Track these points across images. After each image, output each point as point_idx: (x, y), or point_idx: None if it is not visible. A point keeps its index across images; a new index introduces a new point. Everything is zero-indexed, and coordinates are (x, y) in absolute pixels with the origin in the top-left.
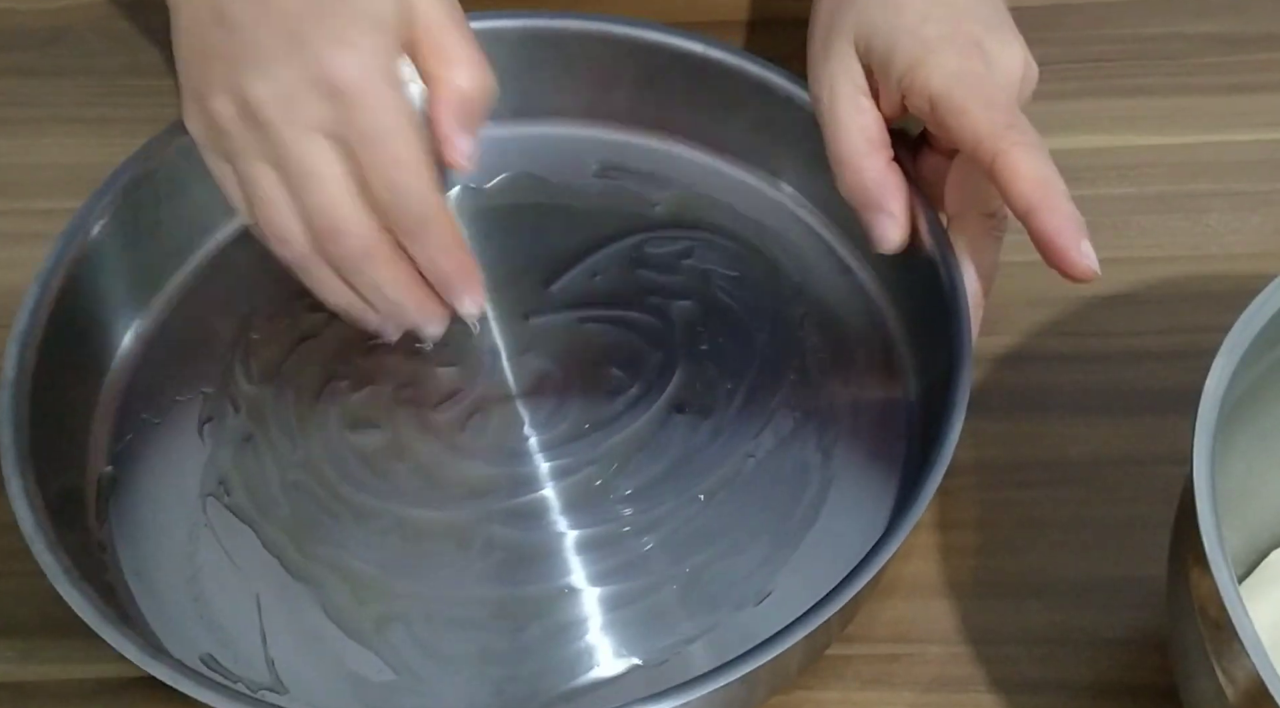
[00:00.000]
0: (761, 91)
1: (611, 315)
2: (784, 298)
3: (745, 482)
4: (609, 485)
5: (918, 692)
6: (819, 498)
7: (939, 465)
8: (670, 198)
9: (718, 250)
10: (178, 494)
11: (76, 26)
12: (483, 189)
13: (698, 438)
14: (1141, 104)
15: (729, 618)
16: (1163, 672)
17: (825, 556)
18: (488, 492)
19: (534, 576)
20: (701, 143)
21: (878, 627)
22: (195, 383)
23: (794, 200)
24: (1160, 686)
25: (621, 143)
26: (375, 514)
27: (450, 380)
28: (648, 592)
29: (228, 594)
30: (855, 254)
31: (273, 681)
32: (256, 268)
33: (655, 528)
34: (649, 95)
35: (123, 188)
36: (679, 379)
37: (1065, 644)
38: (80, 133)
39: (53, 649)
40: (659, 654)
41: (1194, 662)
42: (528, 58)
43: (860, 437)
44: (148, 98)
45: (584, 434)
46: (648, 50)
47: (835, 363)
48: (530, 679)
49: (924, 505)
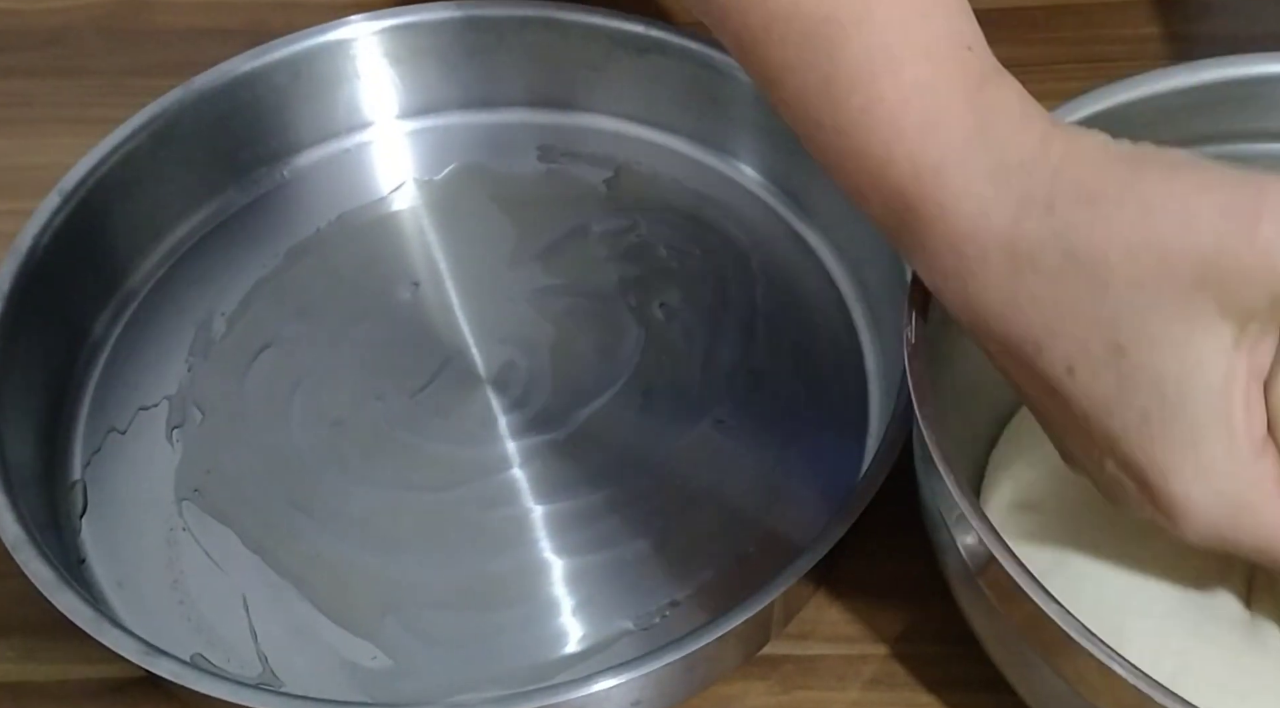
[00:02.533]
0: (706, 67)
1: (570, 296)
2: (736, 266)
3: (715, 447)
4: (579, 461)
5: (859, 690)
6: (789, 460)
7: (881, 467)
8: (615, 177)
9: (666, 225)
10: (153, 501)
11: (76, 26)
12: (433, 181)
13: (664, 409)
14: None
15: (710, 579)
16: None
17: (798, 516)
18: (461, 475)
19: (513, 554)
20: (644, 121)
21: (823, 625)
22: (159, 390)
23: (738, 171)
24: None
25: (567, 127)
26: (352, 504)
27: (417, 370)
28: (627, 560)
29: (213, 595)
30: (804, 220)
31: (267, 676)
32: (210, 270)
33: (627, 500)
34: (593, 78)
35: (73, 195)
36: (641, 353)
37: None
38: (80, 133)
39: (53, 649)
40: (646, 618)
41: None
42: (470, 47)
43: (826, 394)
44: (148, 98)
45: (552, 414)
46: (589, 34)
47: (793, 328)
48: (522, 654)
49: (858, 511)
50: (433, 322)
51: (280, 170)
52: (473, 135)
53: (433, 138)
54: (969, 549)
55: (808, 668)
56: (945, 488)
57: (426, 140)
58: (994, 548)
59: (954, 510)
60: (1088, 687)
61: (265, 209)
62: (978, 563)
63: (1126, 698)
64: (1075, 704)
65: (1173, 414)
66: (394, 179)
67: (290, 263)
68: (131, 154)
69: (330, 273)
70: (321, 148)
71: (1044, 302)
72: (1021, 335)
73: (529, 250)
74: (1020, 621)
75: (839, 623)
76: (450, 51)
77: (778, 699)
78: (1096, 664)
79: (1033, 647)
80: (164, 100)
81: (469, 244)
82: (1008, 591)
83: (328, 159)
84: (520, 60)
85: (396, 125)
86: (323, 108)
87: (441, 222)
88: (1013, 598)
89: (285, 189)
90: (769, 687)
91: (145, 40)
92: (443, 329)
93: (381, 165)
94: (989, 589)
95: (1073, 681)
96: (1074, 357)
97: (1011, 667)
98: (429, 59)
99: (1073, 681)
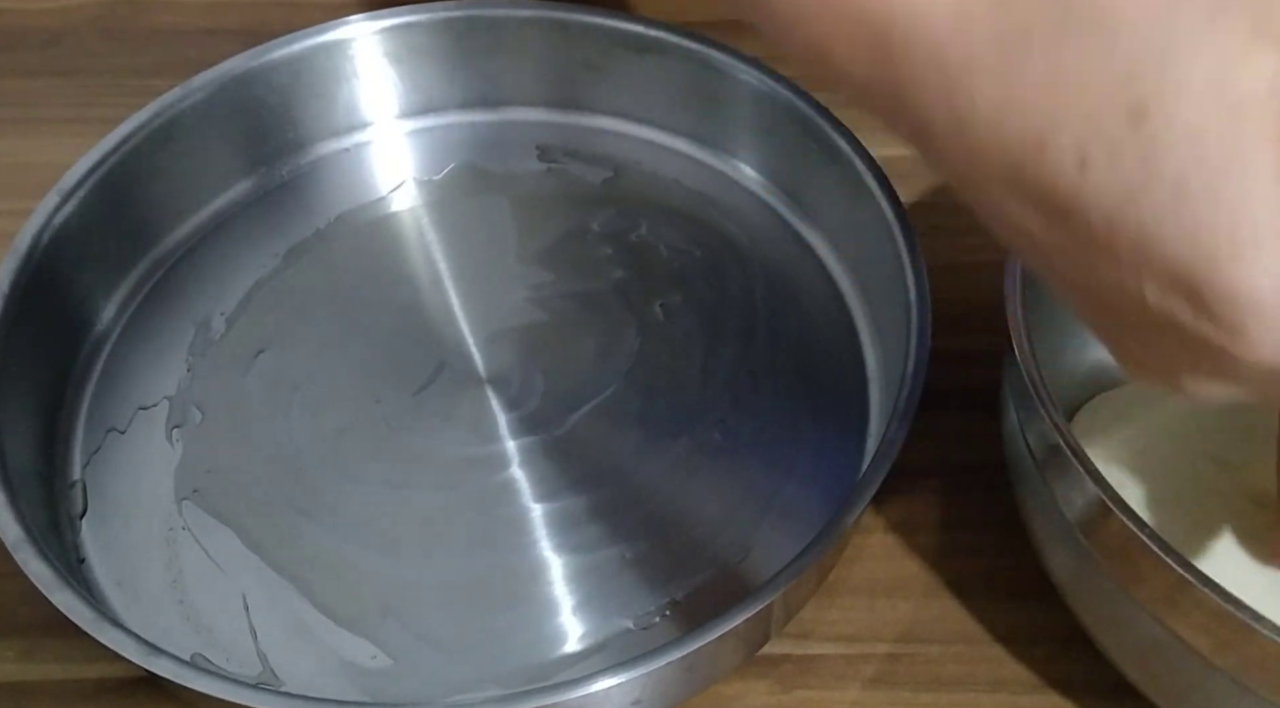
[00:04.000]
0: (706, 67)
1: (570, 296)
2: (736, 266)
3: (715, 447)
4: (579, 461)
5: (859, 690)
6: (790, 460)
7: (880, 467)
8: (615, 177)
9: (666, 225)
10: (152, 501)
11: (76, 26)
12: (433, 181)
13: (664, 408)
14: None
15: (710, 579)
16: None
17: (798, 516)
18: (461, 475)
19: (513, 553)
20: (644, 121)
21: (823, 625)
22: (159, 389)
23: (738, 171)
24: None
25: (567, 127)
26: (352, 504)
27: (417, 370)
28: (627, 559)
29: (213, 595)
30: (804, 220)
31: (267, 675)
32: (210, 270)
33: (626, 499)
34: (593, 78)
35: (72, 194)
36: (640, 353)
37: (1007, 644)
38: (80, 133)
39: (53, 649)
40: (646, 618)
41: (1031, 491)
42: (470, 47)
43: (826, 394)
44: (148, 98)
45: (551, 413)
46: (589, 34)
47: (795, 331)
48: (522, 653)
49: (858, 511)
50: (432, 321)
51: (280, 170)
52: (473, 135)
53: (432, 138)
54: (1075, 504)
55: (808, 668)
56: (1053, 437)
57: (426, 140)
58: (1111, 501)
59: (1060, 463)
60: (1203, 636)
61: (265, 209)
62: (1087, 518)
63: (1228, 635)
64: (1177, 652)
65: (1214, 173)
66: (394, 179)
67: (290, 263)
68: (131, 154)
69: (330, 273)
70: (321, 147)
71: (1043, 84)
72: (1021, 137)
73: (529, 250)
74: (1133, 576)
75: (839, 623)
76: (450, 51)
77: (778, 699)
78: (1215, 614)
79: (1147, 603)
80: (164, 100)
81: (469, 244)
82: (1121, 546)
83: (327, 159)
84: (520, 60)
85: (396, 125)
86: (322, 107)
87: (441, 221)
88: (1127, 553)
89: (285, 189)
90: (769, 687)
91: (145, 40)
92: (442, 329)
93: (381, 165)
94: (1095, 546)
95: (1183, 632)
96: (1086, 142)
97: (1108, 626)
98: (429, 59)
99: (1183, 632)
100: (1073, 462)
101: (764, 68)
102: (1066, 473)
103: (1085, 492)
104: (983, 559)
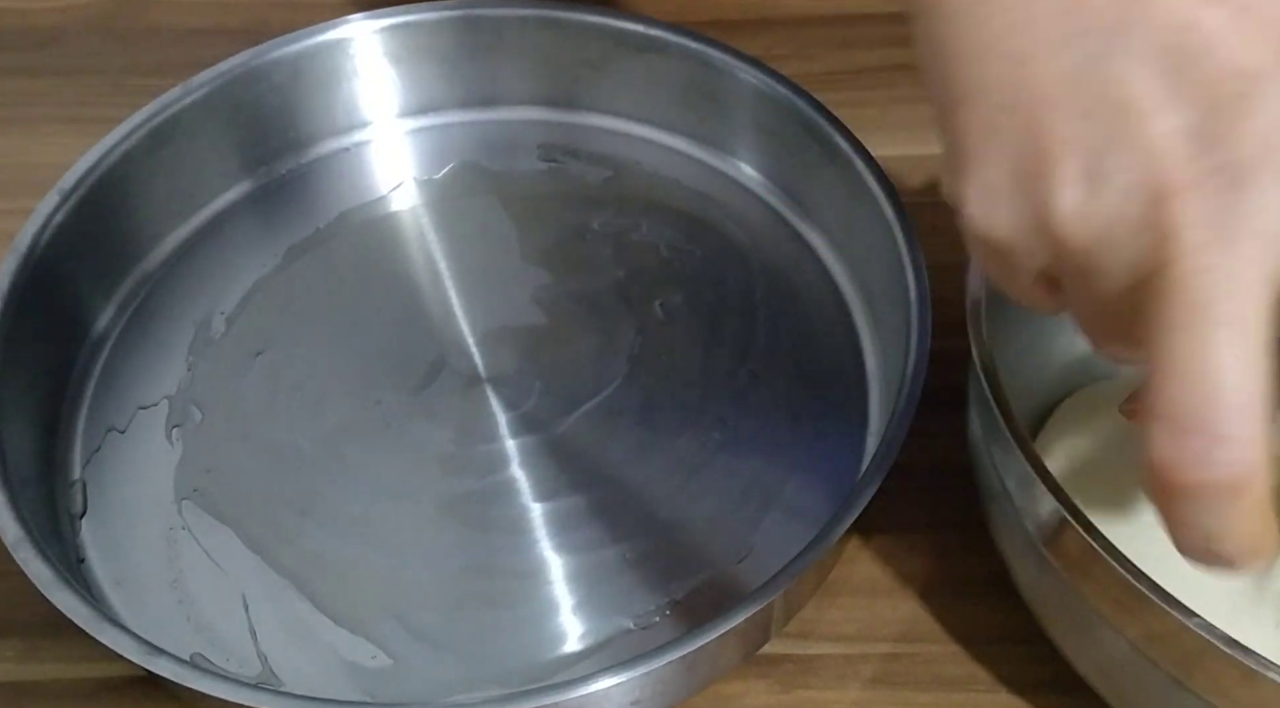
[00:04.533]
0: (706, 67)
1: (570, 295)
2: (736, 266)
3: (715, 447)
4: (579, 461)
5: (859, 690)
6: (789, 460)
7: (880, 466)
8: (615, 177)
9: (666, 225)
10: (152, 501)
11: (76, 26)
12: (433, 180)
13: (664, 408)
14: None
15: (710, 579)
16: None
17: (798, 516)
18: (461, 474)
19: (513, 553)
20: (644, 121)
21: (823, 625)
22: (158, 389)
23: (738, 171)
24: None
25: (568, 126)
26: (352, 504)
27: (417, 370)
28: (627, 558)
29: (213, 595)
30: (804, 220)
31: (267, 675)
32: (210, 269)
33: (626, 498)
34: (593, 78)
35: (72, 194)
36: (640, 353)
37: (1007, 644)
38: (80, 133)
39: (53, 649)
40: (646, 617)
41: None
42: (470, 47)
43: (826, 394)
44: (148, 98)
45: (551, 413)
46: (589, 33)
47: (795, 331)
48: (522, 653)
49: (858, 511)
50: (432, 321)
51: (279, 169)
52: (473, 134)
53: (432, 137)
54: (1035, 514)
55: (808, 668)
56: (1010, 449)
57: (426, 139)
58: (1066, 512)
59: (1017, 473)
60: (1158, 648)
61: (265, 208)
62: (1045, 528)
63: (1193, 649)
64: (1137, 665)
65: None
66: (394, 178)
67: (290, 262)
68: (131, 153)
69: (330, 272)
70: (321, 147)
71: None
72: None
73: (529, 250)
74: (1092, 586)
75: (839, 623)
76: (450, 51)
77: (778, 699)
78: (1175, 627)
79: (1101, 609)
80: (163, 99)
81: (469, 243)
82: (1079, 556)
83: (327, 158)
84: (520, 60)
85: (396, 124)
86: (322, 107)
87: (441, 221)
88: (1083, 563)
89: (284, 188)
90: (769, 686)
91: (145, 40)
92: (442, 329)
93: (381, 164)
94: (1055, 555)
95: (1140, 643)
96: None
97: (1068, 632)
98: (429, 58)
99: (1140, 643)
100: (1031, 474)
101: (764, 68)
102: (1026, 486)
103: (1042, 502)
104: (982, 559)
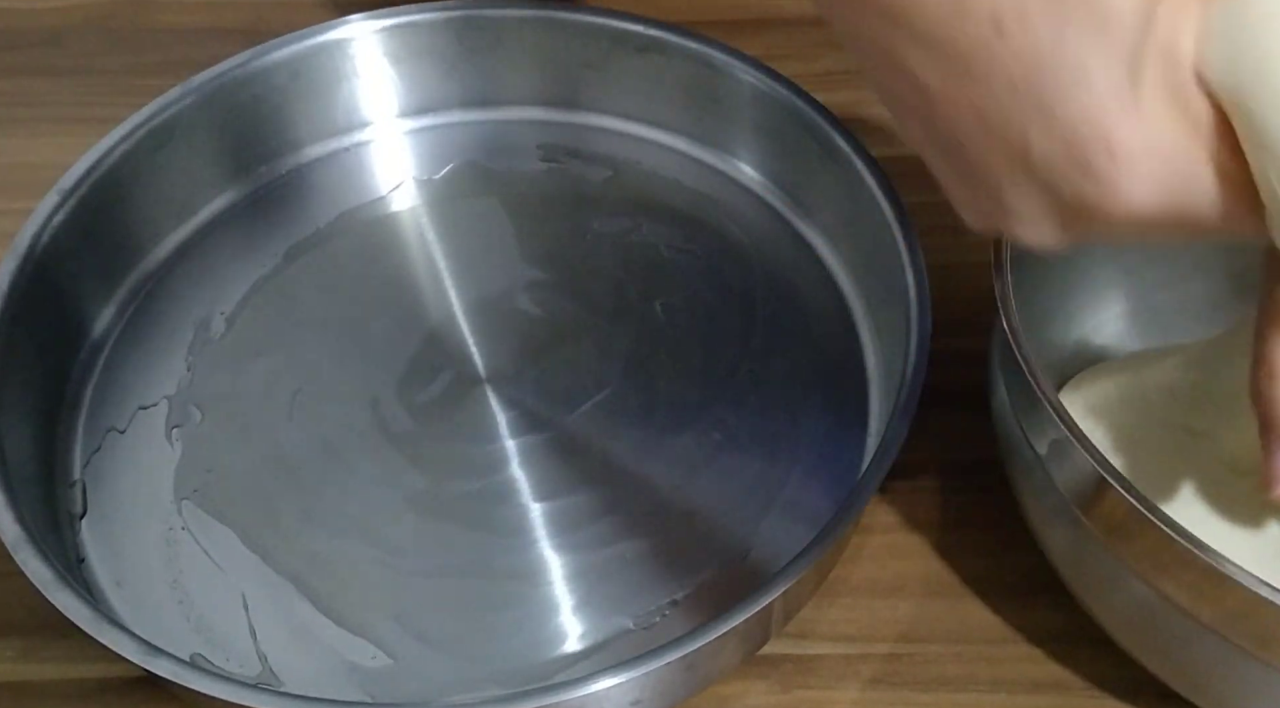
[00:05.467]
0: (706, 67)
1: (570, 295)
2: (736, 266)
3: (715, 447)
4: (578, 461)
5: (859, 690)
6: (790, 459)
7: (881, 466)
8: (615, 177)
9: (666, 225)
10: (152, 501)
11: (76, 26)
12: (433, 180)
13: (664, 408)
14: None
15: (710, 579)
16: (1123, 666)
17: (799, 515)
18: (461, 474)
19: (513, 553)
20: (644, 121)
21: (823, 625)
22: (158, 389)
23: (738, 171)
24: (1119, 679)
25: (568, 126)
26: (352, 504)
27: (417, 370)
28: (627, 558)
29: (213, 595)
30: (804, 220)
31: (266, 675)
32: (209, 270)
33: (626, 498)
34: (593, 78)
35: (71, 194)
36: (641, 352)
37: (1007, 644)
38: (80, 133)
39: (53, 649)
40: (646, 617)
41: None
42: (470, 47)
43: (826, 394)
44: (148, 98)
45: (551, 413)
46: (589, 33)
47: (795, 331)
48: (521, 653)
49: (858, 511)
50: (433, 321)
51: (279, 169)
52: (472, 135)
53: (432, 137)
54: (1070, 479)
55: (808, 668)
56: (1045, 414)
57: (426, 139)
58: (1106, 474)
59: (1052, 438)
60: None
61: (265, 208)
62: (1081, 493)
63: (1235, 604)
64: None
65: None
66: (393, 178)
67: (290, 262)
68: (130, 153)
69: (330, 272)
70: (321, 147)
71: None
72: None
73: (529, 250)
74: (1130, 547)
75: (839, 623)
76: (450, 51)
77: (778, 699)
78: (1217, 580)
79: (1139, 570)
80: (163, 100)
81: (469, 243)
82: (1121, 518)
83: (327, 158)
84: (520, 60)
85: (396, 124)
86: (322, 107)
87: (441, 221)
88: (1125, 525)
89: (284, 188)
90: (769, 687)
91: (145, 40)
92: (443, 328)
93: (381, 164)
94: (1092, 519)
95: (1179, 598)
96: (1003, 8)
97: (1101, 594)
98: (429, 58)
99: (1179, 598)
100: (1065, 434)
101: (764, 68)
102: (1059, 447)
103: (1078, 462)
104: (982, 559)
